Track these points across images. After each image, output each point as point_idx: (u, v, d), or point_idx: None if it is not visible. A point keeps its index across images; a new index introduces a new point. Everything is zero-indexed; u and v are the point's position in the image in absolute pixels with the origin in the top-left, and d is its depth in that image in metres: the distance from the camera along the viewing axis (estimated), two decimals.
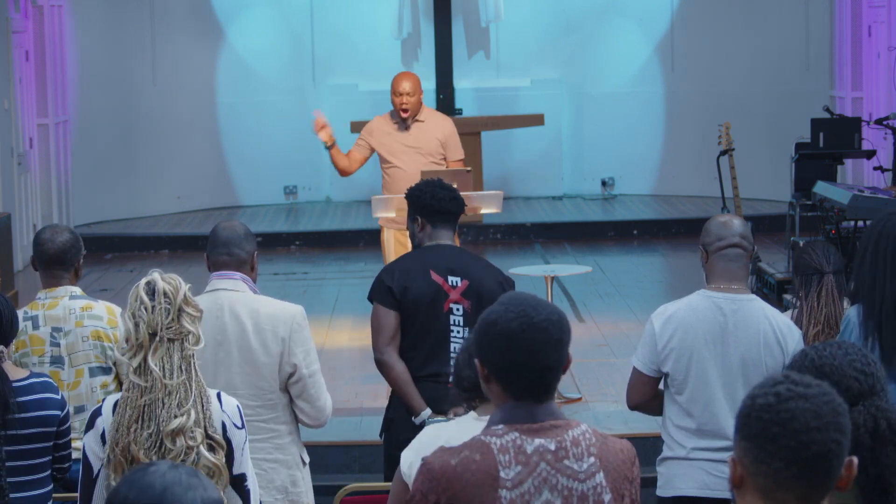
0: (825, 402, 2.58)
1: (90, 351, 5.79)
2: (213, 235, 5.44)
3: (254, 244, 5.47)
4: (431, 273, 6.10)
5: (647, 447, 7.09)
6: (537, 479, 3.32)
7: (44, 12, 15.00)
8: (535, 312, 3.34)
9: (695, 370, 5.30)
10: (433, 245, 6.22)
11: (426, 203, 6.26)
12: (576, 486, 3.33)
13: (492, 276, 6.19)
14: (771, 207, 15.30)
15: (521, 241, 15.51)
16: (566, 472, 3.33)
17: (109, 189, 16.28)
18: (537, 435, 3.33)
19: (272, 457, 5.29)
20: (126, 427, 4.01)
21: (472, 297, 6.10)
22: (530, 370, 3.33)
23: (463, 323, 6.09)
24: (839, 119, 12.68)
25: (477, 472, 3.31)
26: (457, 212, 6.28)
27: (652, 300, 10.65)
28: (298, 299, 12.12)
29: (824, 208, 11.08)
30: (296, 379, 5.32)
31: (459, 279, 6.11)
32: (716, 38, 16.87)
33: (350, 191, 16.82)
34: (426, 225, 6.26)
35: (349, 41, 17.41)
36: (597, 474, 3.35)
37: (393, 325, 6.10)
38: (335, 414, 7.59)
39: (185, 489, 2.55)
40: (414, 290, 6.08)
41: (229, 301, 5.28)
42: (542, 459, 3.32)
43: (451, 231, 6.30)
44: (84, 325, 5.79)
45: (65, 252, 5.88)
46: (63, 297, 5.84)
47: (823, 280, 5.80)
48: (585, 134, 17.55)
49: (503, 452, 3.31)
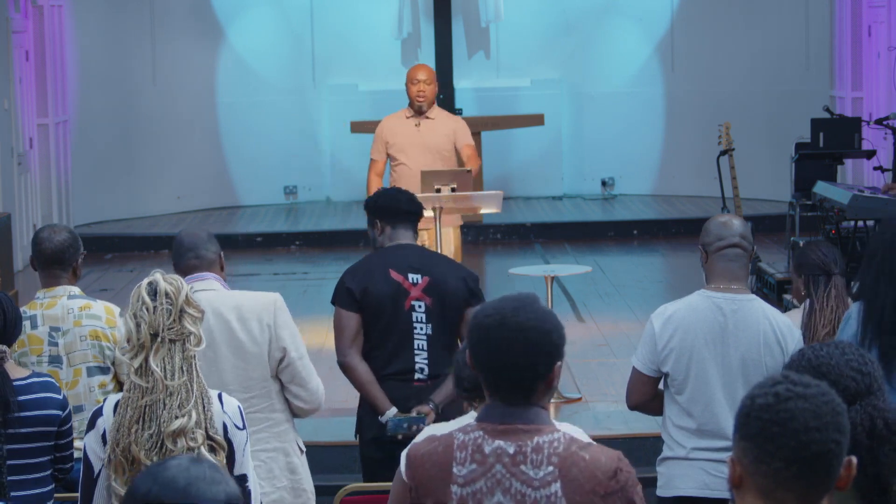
0: (824, 402, 2.59)
1: (88, 350, 5.79)
2: (177, 243, 5.54)
3: (218, 246, 5.56)
4: (391, 272, 6.10)
5: (647, 447, 7.10)
6: (490, 480, 3.33)
7: (44, 12, 15.00)
8: (515, 313, 3.35)
9: (695, 370, 5.30)
10: (394, 245, 6.23)
11: (382, 205, 6.29)
12: (529, 493, 3.32)
13: (454, 272, 6.20)
14: (771, 207, 15.30)
15: (521, 241, 15.51)
16: (521, 476, 3.33)
17: (109, 189, 16.28)
18: (499, 437, 3.34)
19: (270, 446, 5.33)
20: (127, 427, 4.01)
21: (433, 294, 6.09)
22: (499, 368, 3.34)
23: (426, 319, 6.09)
24: (839, 119, 12.68)
25: (436, 464, 3.37)
26: (414, 212, 6.28)
27: (652, 300, 10.65)
28: (298, 299, 12.15)
29: (824, 208, 11.09)
30: (286, 363, 5.37)
31: (420, 276, 6.11)
32: (716, 38, 16.87)
33: (350, 191, 16.82)
34: (385, 227, 6.27)
35: (349, 41, 17.42)
36: (553, 483, 3.32)
37: (353, 327, 6.10)
38: (335, 414, 7.60)
39: (210, 484, 2.50)
40: (374, 290, 6.08)
41: (208, 300, 5.31)
42: (498, 461, 3.33)
43: (412, 232, 6.29)
44: (82, 325, 5.79)
45: (62, 251, 5.88)
46: (61, 297, 5.84)
47: (832, 281, 5.81)
48: (585, 134, 17.55)
49: (461, 449, 3.35)
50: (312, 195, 17.57)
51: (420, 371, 6.10)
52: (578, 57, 17.45)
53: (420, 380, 6.10)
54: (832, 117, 12.60)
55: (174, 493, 2.48)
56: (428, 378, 6.09)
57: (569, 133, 17.55)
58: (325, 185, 17.53)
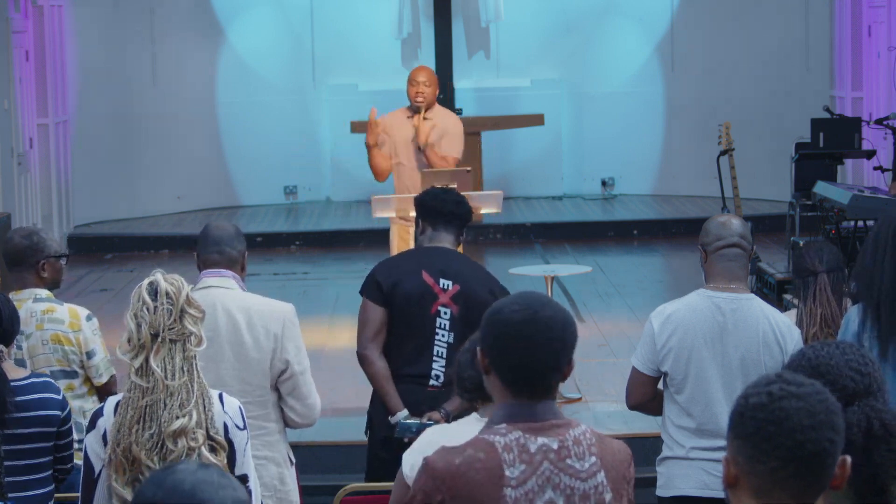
0: (819, 401, 2.59)
1: (50, 355, 5.76)
2: (203, 234, 5.45)
3: (244, 244, 5.48)
4: (423, 273, 6.06)
5: (647, 447, 7.09)
6: (541, 478, 3.32)
7: (44, 12, 15.00)
8: (541, 308, 3.34)
9: (694, 370, 5.31)
10: (431, 247, 6.18)
11: (428, 205, 6.24)
12: (578, 485, 3.34)
13: (484, 284, 6.12)
14: (771, 207, 15.30)
15: (521, 241, 15.51)
16: (569, 470, 3.33)
17: (109, 189, 16.28)
18: (540, 434, 3.33)
19: (261, 454, 5.28)
20: (127, 428, 4.01)
21: (460, 303, 6.04)
22: (526, 364, 3.33)
23: (449, 327, 6.04)
24: (839, 119, 12.68)
25: (482, 471, 3.30)
26: (459, 215, 6.22)
27: (652, 300, 10.65)
28: (298, 299, 12.13)
29: (824, 208, 11.09)
30: (287, 375, 5.33)
31: (451, 283, 6.05)
32: (716, 38, 16.87)
33: (350, 191, 16.84)
34: (427, 227, 6.23)
35: (349, 41, 17.42)
36: (598, 473, 3.35)
37: (378, 320, 6.07)
38: (335, 414, 7.60)
39: (216, 488, 2.47)
40: (403, 287, 6.04)
41: (221, 298, 5.29)
42: (545, 458, 3.33)
43: (453, 236, 6.23)
44: (44, 329, 5.76)
45: (20, 252, 5.83)
46: (27, 300, 5.80)
47: (817, 280, 5.79)
48: (585, 134, 17.55)
49: (507, 451, 3.31)
50: (312, 195, 17.56)
51: (436, 378, 6.04)
52: (578, 57, 17.45)
53: (434, 386, 6.04)
54: (832, 117, 12.60)
55: (180, 497, 2.45)
56: (442, 385, 6.02)
57: (569, 133, 17.55)
58: (325, 185, 17.53)
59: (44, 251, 5.87)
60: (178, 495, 2.46)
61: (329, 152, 17.48)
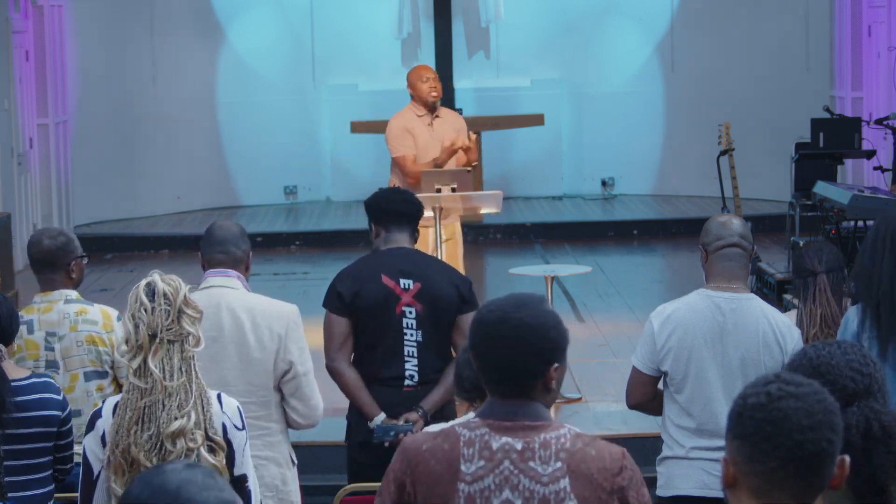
0: (817, 401, 2.59)
1: (85, 355, 5.76)
2: (208, 234, 5.45)
3: (248, 244, 5.48)
4: (383, 277, 6.03)
5: (647, 447, 7.09)
6: (499, 477, 3.32)
7: (44, 12, 15.00)
8: (515, 310, 3.36)
9: (694, 369, 5.30)
10: (388, 249, 6.15)
11: (377, 207, 6.22)
12: (538, 489, 3.32)
13: (446, 277, 6.10)
14: (771, 207, 15.30)
15: (521, 241, 15.50)
16: (529, 473, 3.32)
17: (109, 189, 16.28)
18: (506, 433, 3.33)
19: (262, 454, 5.27)
20: (126, 429, 4.01)
21: (424, 300, 6.02)
22: (500, 365, 3.35)
23: (416, 325, 6.02)
24: (839, 119, 12.68)
25: (443, 461, 3.34)
26: (409, 213, 6.18)
27: (652, 300, 10.63)
28: (298, 299, 12.11)
29: (824, 208, 11.08)
30: (290, 376, 5.32)
31: (412, 282, 6.03)
32: (716, 38, 16.87)
33: (350, 191, 16.83)
34: (380, 230, 6.20)
35: (349, 41, 17.41)
36: (561, 479, 3.31)
37: (343, 332, 6.06)
38: (335, 414, 7.60)
39: (201, 489, 2.49)
40: (364, 294, 6.01)
41: (225, 298, 5.29)
42: (506, 457, 3.32)
43: (408, 234, 6.18)
44: (79, 330, 5.76)
45: (52, 254, 5.81)
46: (58, 302, 5.79)
47: (817, 280, 5.79)
48: (585, 134, 17.54)
49: (468, 445, 3.33)
50: (312, 195, 17.56)
51: (410, 377, 6.03)
52: (578, 57, 17.45)
53: (410, 386, 6.03)
54: (832, 117, 12.60)
55: (165, 497, 2.48)
56: (418, 384, 6.02)
57: (569, 133, 17.55)
58: (325, 185, 17.53)
59: (74, 252, 5.86)
60: (164, 495, 2.49)
61: (329, 152, 17.48)
